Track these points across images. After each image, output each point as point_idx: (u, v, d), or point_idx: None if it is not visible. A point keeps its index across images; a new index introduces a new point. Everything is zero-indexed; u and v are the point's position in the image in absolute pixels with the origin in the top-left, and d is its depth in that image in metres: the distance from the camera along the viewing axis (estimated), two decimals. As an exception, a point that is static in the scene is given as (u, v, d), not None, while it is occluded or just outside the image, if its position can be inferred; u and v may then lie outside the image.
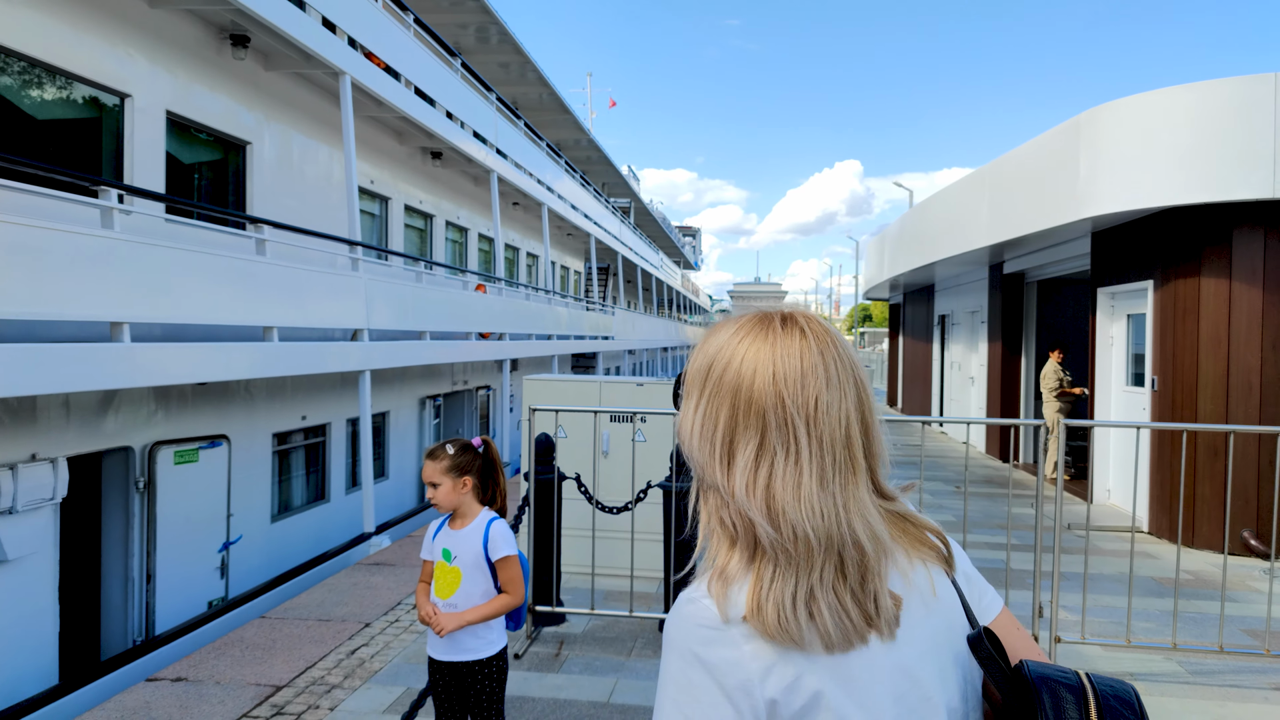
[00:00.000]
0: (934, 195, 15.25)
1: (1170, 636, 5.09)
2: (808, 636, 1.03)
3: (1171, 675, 5.02)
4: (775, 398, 1.09)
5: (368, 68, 11.09)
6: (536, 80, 22.51)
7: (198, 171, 9.75)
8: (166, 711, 4.49)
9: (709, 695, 1.02)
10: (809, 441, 1.09)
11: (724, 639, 1.03)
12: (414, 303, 12.06)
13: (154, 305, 6.69)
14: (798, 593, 1.03)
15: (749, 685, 1.01)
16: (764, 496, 1.07)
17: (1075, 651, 5.26)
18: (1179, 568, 5.07)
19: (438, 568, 3.21)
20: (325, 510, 11.78)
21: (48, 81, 7.60)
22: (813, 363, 1.11)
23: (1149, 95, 8.15)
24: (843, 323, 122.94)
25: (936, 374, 18.73)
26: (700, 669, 1.03)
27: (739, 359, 1.12)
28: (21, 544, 6.57)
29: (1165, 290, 8.45)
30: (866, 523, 1.08)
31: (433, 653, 3.23)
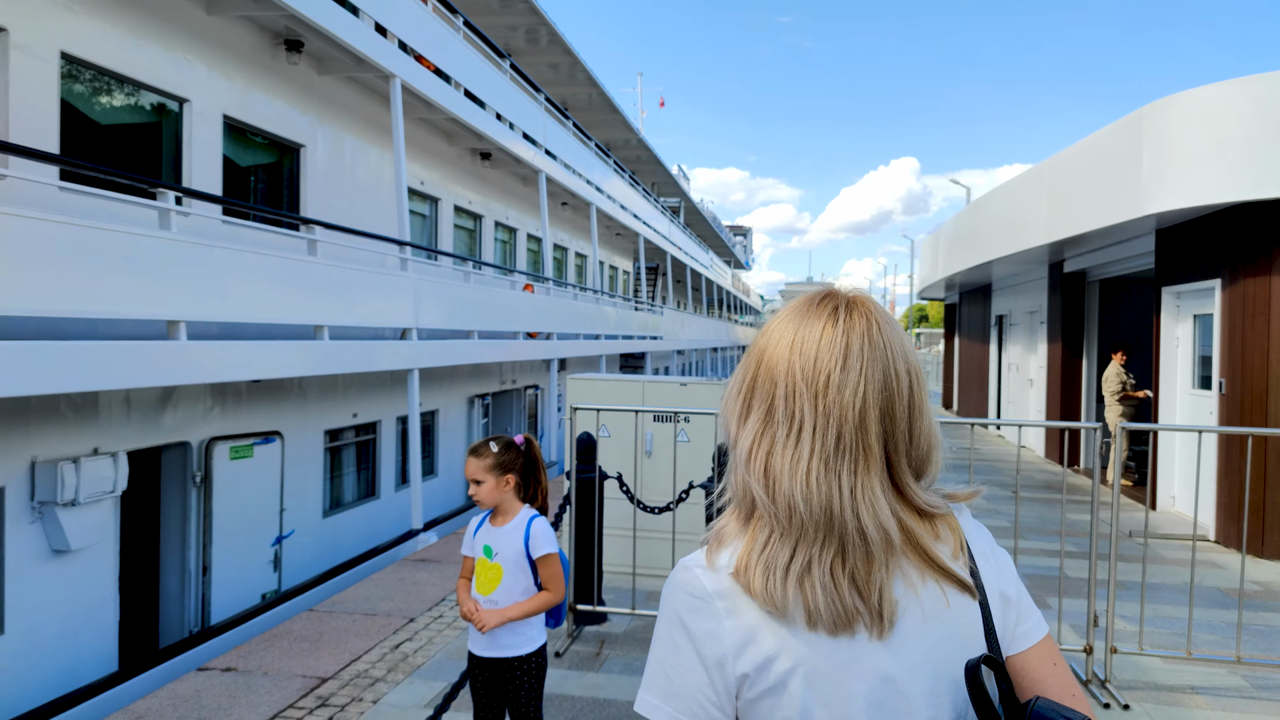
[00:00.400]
0: (991, 192, 14.93)
1: (1234, 649, 4.88)
2: (792, 606, 1.03)
3: (1235, 689, 4.82)
4: (787, 366, 1.11)
5: (418, 70, 11.22)
6: (586, 81, 22.57)
7: (253, 174, 9.96)
8: (216, 700, 4.58)
9: (688, 660, 1.06)
10: (814, 416, 1.09)
11: (708, 610, 1.06)
12: (462, 302, 12.17)
13: (209, 304, 6.84)
14: (793, 563, 1.05)
15: (723, 659, 1.05)
16: (763, 464, 1.10)
17: (1133, 662, 5.09)
18: (1243, 577, 4.86)
19: (479, 564, 3.22)
20: (375, 506, 11.95)
21: (110, 88, 7.82)
22: (832, 339, 1.11)
23: (1216, 87, 7.85)
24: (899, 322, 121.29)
25: (994, 376, 18.34)
26: (684, 634, 1.07)
27: (772, 329, 1.17)
28: (84, 535, 6.77)
29: (1234, 289, 8.14)
30: (874, 514, 1.06)
31: (474, 648, 3.23)
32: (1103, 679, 4.78)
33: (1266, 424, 7.63)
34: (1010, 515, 9.26)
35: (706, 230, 48.66)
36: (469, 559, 3.29)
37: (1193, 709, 4.56)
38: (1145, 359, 11.35)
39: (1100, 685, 4.76)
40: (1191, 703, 4.64)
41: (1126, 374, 11.15)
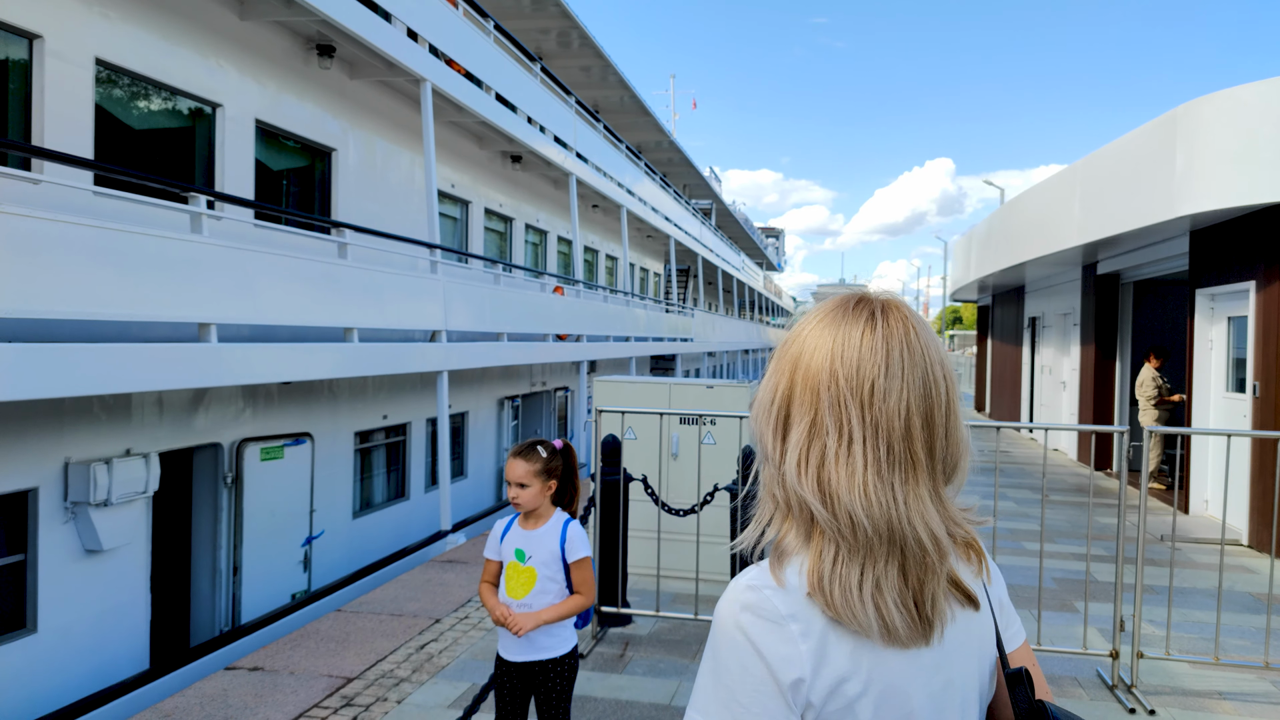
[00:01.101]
0: (1024, 193, 14.76)
1: (1263, 655, 4.79)
2: (872, 624, 1.02)
3: (1264, 695, 4.73)
4: (830, 376, 1.09)
5: (449, 75, 11.32)
6: (617, 83, 22.62)
7: (286, 178, 10.11)
8: (242, 699, 4.66)
9: (762, 685, 1.01)
10: (862, 427, 1.07)
11: (782, 633, 1.02)
12: (492, 304, 12.26)
13: (240, 307, 6.96)
14: (864, 580, 1.03)
15: (799, 683, 1.01)
16: (815, 477, 1.07)
17: (1160, 668, 5.01)
18: (1273, 582, 4.77)
19: (510, 568, 3.20)
20: (405, 508, 12.07)
21: (144, 93, 7.98)
22: (873, 346, 1.09)
23: (1251, 87, 7.71)
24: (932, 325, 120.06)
25: (1026, 378, 18.11)
26: (755, 657, 1.02)
27: (804, 335, 1.14)
28: (116, 535, 6.91)
29: (1268, 291, 7.98)
30: (925, 522, 1.06)
31: (505, 653, 3.21)
32: (1129, 684, 4.71)
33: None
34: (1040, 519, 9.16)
35: (738, 232, 48.54)
36: (493, 563, 3.26)
37: (1219, 714, 4.48)
38: (1179, 361, 11.17)
39: (1126, 690, 4.69)
40: (1219, 708, 4.56)
41: (1162, 378, 10.96)
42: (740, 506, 5.50)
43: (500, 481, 15.68)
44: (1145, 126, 9.20)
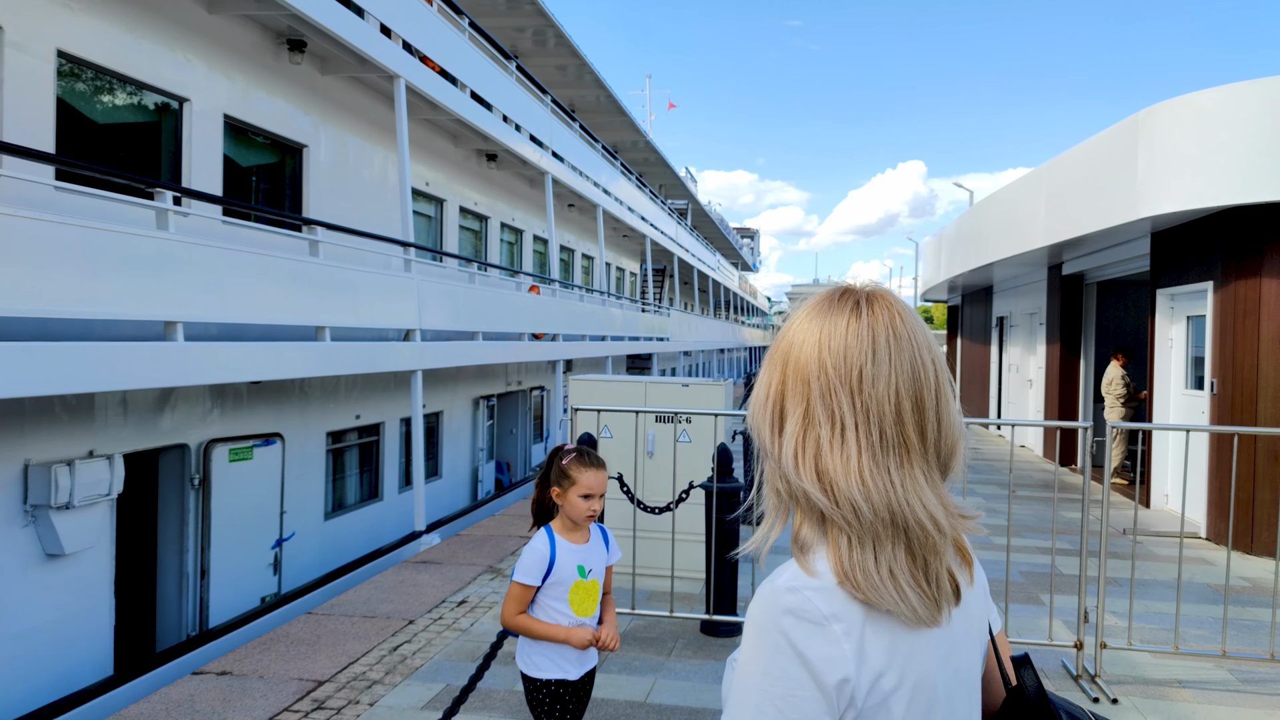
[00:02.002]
0: (991, 195, 14.94)
1: (1220, 644, 4.90)
2: (901, 605, 1.03)
3: (1221, 683, 4.84)
4: (819, 365, 1.10)
5: (423, 71, 11.27)
6: (593, 83, 22.62)
7: (255, 174, 10.02)
8: (210, 704, 4.61)
9: (805, 689, 1.01)
10: (853, 414, 1.08)
11: (825, 634, 1.01)
12: (466, 303, 12.22)
13: (208, 305, 6.88)
14: (879, 564, 1.04)
15: (844, 682, 1.01)
16: (813, 467, 1.08)
17: (1122, 658, 5.11)
18: (1229, 574, 4.88)
19: (576, 586, 3.00)
20: (378, 508, 12.00)
21: (109, 87, 7.87)
22: (859, 334, 1.10)
23: (1209, 92, 7.87)
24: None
25: (994, 376, 18.34)
26: (797, 661, 1.01)
27: (794, 329, 1.15)
28: (78, 538, 6.81)
29: (1225, 291, 8.14)
30: (923, 504, 1.07)
31: (570, 674, 3.01)
32: (1093, 673, 4.80)
33: (1256, 423, 7.64)
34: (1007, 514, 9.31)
35: (714, 232, 48.69)
36: (530, 588, 2.96)
37: (1179, 702, 4.58)
38: (1143, 359, 11.38)
39: (1090, 680, 4.78)
40: (1178, 696, 4.66)
41: (1128, 377, 11.15)
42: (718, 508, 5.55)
43: (475, 481, 15.63)
44: (1108, 130, 9.36)
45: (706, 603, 5.71)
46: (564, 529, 3.02)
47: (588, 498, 2.95)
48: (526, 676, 3.05)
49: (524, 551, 2.98)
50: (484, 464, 16.05)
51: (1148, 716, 4.41)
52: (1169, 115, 8.15)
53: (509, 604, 2.96)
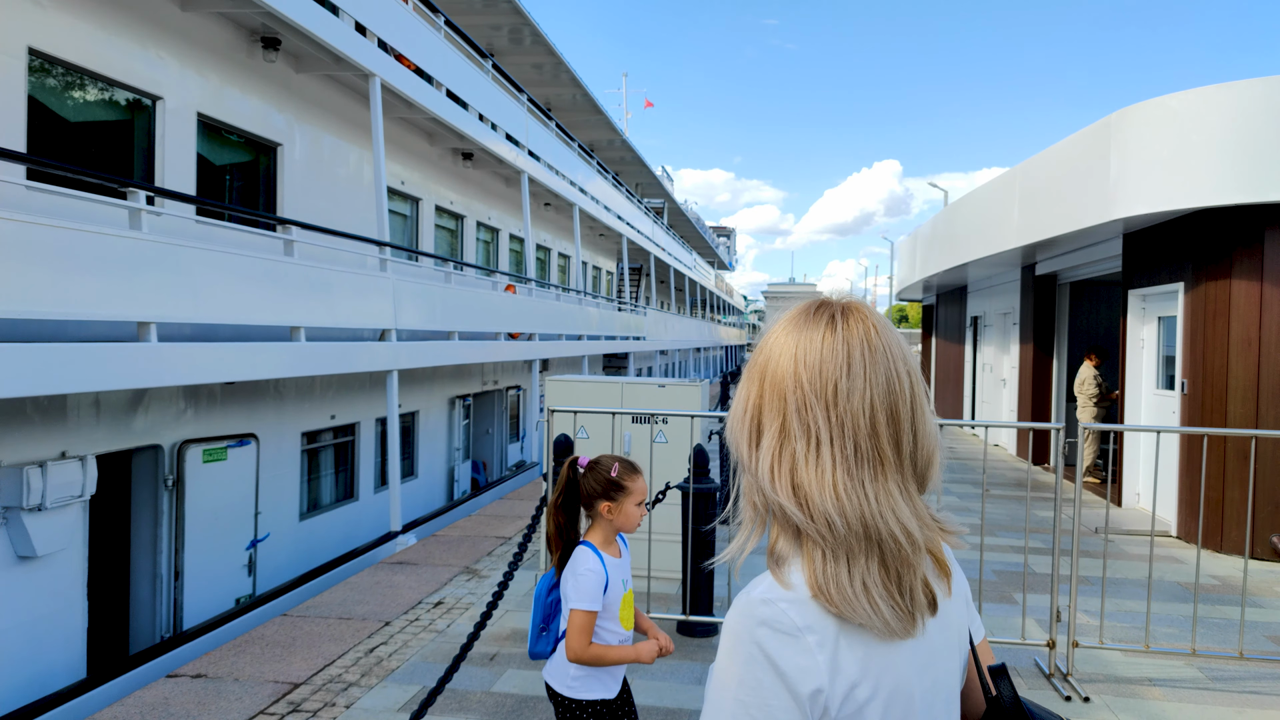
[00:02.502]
0: (966, 196, 15.07)
1: (1190, 642, 4.99)
2: (874, 618, 1.04)
3: (1191, 681, 4.92)
4: (794, 380, 1.11)
5: (398, 70, 11.20)
6: (570, 81, 22.59)
7: (229, 173, 9.92)
8: (184, 708, 4.57)
9: (778, 698, 1.01)
10: (829, 428, 1.09)
11: (798, 645, 1.02)
12: (442, 303, 12.16)
13: (182, 305, 6.81)
14: (853, 578, 1.04)
15: (817, 692, 1.02)
16: (789, 481, 1.09)
17: (1094, 656, 5.19)
18: (1199, 572, 4.97)
19: (624, 601, 2.87)
20: (354, 509, 11.92)
21: (80, 85, 7.77)
22: (833, 348, 1.11)
23: (1181, 95, 7.99)
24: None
25: (968, 376, 18.51)
26: (771, 672, 1.02)
27: (771, 343, 1.16)
28: (51, 540, 6.72)
29: (1196, 292, 8.28)
30: (897, 517, 1.07)
31: (613, 690, 2.86)
32: (1065, 672, 4.87)
33: (1226, 423, 7.77)
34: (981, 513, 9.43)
35: (690, 231, 48.76)
36: (594, 613, 2.73)
37: (1150, 700, 4.66)
38: (1114, 360, 11.53)
39: (1063, 678, 4.85)
40: (1149, 694, 4.73)
41: (1101, 377, 11.30)
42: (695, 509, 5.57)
43: (452, 481, 15.58)
44: (1081, 132, 9.47)
45: (683, 603, 5.73)
46: (604, 544, 2.84)
47: (640, 504, 2.85)
48: (567, 699, 2.83)
49: (579, 575, 2.73)
50: (460, 464, 15.99)
51: (1119, 715, 4.47)
52: (1141, 118, 8.27)
53: (579, 636, 2.70)
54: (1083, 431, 5.26)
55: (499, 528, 9.00)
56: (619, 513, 2.82)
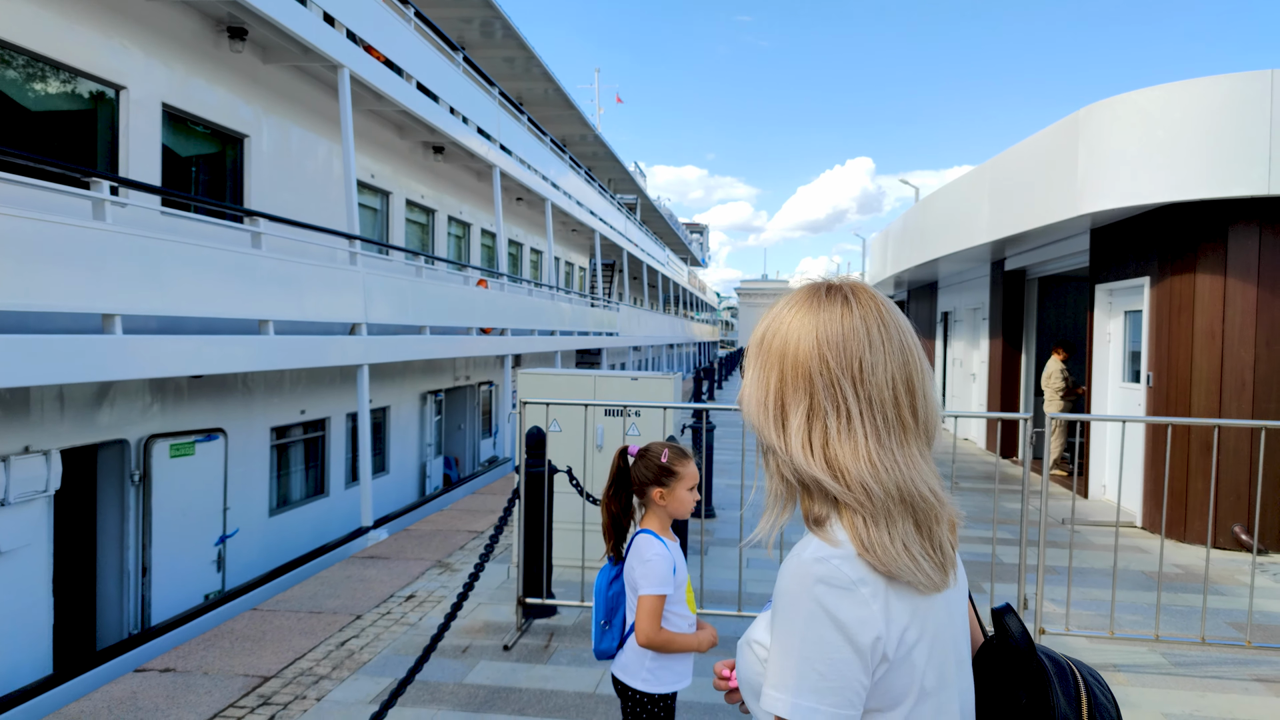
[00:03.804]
0: (936, 192, 15.21)
1: (1154, 629, 5.08)
2: (918, 576, 1.10)
3: (1154, 666, 5.01)
4: (820, 360, 1.16)
5: (367, 61, 11.10)
6: (541, 75, 22.50)
7: (195, 164, 9.78)
8: (153, 701, 4.51)
9: (841, 651, 1.06)
10: (858, 403, 1.15)
11: (855, 598, 1.07)
12: (413, 297, 12.08)
13: (147, 297, 6.71)
14: (893, 539, 1.11)
15: (876, 641, 1.07)
16: (823, 456, 1.15)
17: (1060, 643, 5.26)
18: (1162, 561, 5.06)
19: (688, 585, 2.89)
20: (324, 504, 11.82)
21: (41, 74, 7.62)
22: (853, 325, 1.17)
23: (1146, 92, 8.10)
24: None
25: (939, 371, 18.69)
26: (832, 626, 1.06)
27: (785, 326, 1.20)
28: (15, 536, 6.61)
29: (1161, 287, 8.41)
30: (924, 479, 1.15)
31: (687, 679, 2.85)
32: (1032, 662, 4.93)
33: (1190, 415, 7.90)
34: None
35: (663, 227, 48.79)
36: (663, 597, 2.72)
37: (1115, 685, 4.73)
38: (1081, 355, 11.69)
39: (1030, 668, 4.91)
40: (1114, 679, 4.81)
41: (1068, 371, 11.46)
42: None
43: (424, 477, 15.48)
44: (1050, 128, 9.58)
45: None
46: (662, 530, 2.82)
47: (691, 490, 2.84)
48: (641, 694, 2.77)
49: (647, 561, 2.71)
50: (432, 459, 15.90)
51: (1084, 698, 4.54)
52: (1108, 114, 8.38)
53: (649, 620, 2.67)
54: (1049, 423, 5.34)
55: (471, 522, 8.96)
56: (671, 498, 2.82)
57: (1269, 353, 7.72)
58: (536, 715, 4.39)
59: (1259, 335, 7.72)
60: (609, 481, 2.86)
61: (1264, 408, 7.68)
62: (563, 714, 4.40)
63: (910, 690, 1.10)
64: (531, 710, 4.44)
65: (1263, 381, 7.70)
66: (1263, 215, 7.72)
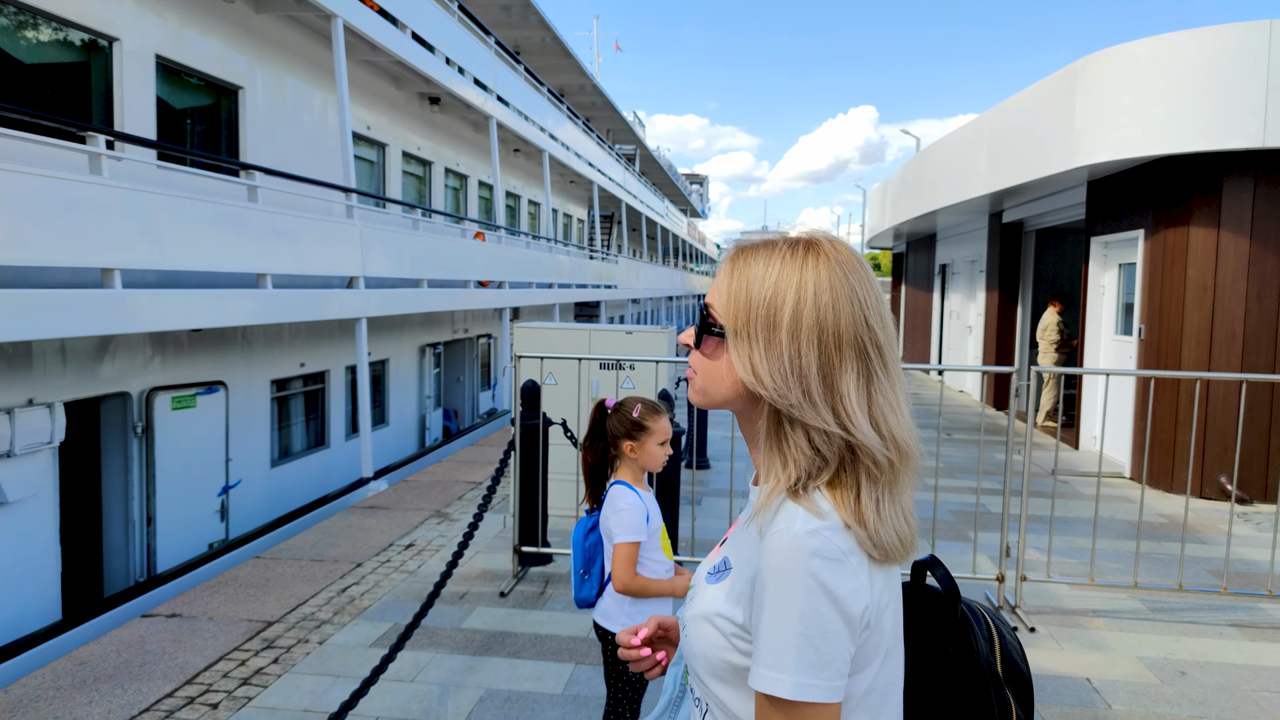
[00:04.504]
0: (935, 143, 15.12)
1: (1133, 576, 5.22)
2: (897, 546, 1.10)
3: (1133, 612, 5.16)
4: (858, 322, 1.12)
5: (361, 11, 10.98)
6: (538, 24, 22.20)
7: (190, 117, 9.74)
8: (160, 645, 4.67)
9: (834, 624, 1.05)
10: (891, 361, 1.14)
11: (847, 569, 1.05)
12: (411, 250, 12.10)
13: (146, 252, 6.76)
14: (880, 508, 1.10)
15: (865, 610, 1.07)
16: (872, 420, 1.12)
17: (1042, 589, 5.41)
18: (1142, 509, 5.19)
19: (663, 532, 2.98)
20: (325, 456, 11.97)
21: (33, 24, 7.57)
22: (863, 279, 1.14)
23: (1144, 42, 8.05)
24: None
25: (936, 323, 18.74)
26: (827, 599, 1.04)
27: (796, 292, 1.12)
28: (21, 486, 6.74)
29: (1155, 239, 8.44)
30: (915, 433, 1.16)
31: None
32: (1013, 605, 5.08)
33: (1180, 368, 7.98)
34: (943, 456, 9.68)
35: (662, 178, 48.44)
36: (638, 545, 2.82)
37: (1093, 630, 4.89)
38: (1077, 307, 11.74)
39: (1011, 610, 5.06)
40: (1092, 624, 4.97)
41: (1063, 323, 11.52)
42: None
43: (423, 429, 15.64)
44: (1047, 80, 9.52)
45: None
46: (636, 480, 2.92)
47: (663, 444, 2.91)
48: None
49: (620, 511, 2.82)
50: (431, 411, 16.04)
51: (1063, 644, 4.69)
52: (1105, 65, 8.33)
53: (624, 567, 2.80)
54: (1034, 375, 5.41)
55: (469, 473, 9.11)
56: (641, 452, 2.90)
57: (1259, 306, 7.78)
58: (531, 658, 4.54)
59: (1250, 288, 7.77)
60: (586, 434, 2.98)
61: (1253, 360, 7.76)
62: (556, 657, 4.56)
63: (879, 650, 1.11)
64: (526, 654, 4.59)
65: (1252, 335, 7.77)
66: (1257, 167, 7.72)
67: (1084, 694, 4.13)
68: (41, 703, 3.99)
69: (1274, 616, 5.16)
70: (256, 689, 4.16)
